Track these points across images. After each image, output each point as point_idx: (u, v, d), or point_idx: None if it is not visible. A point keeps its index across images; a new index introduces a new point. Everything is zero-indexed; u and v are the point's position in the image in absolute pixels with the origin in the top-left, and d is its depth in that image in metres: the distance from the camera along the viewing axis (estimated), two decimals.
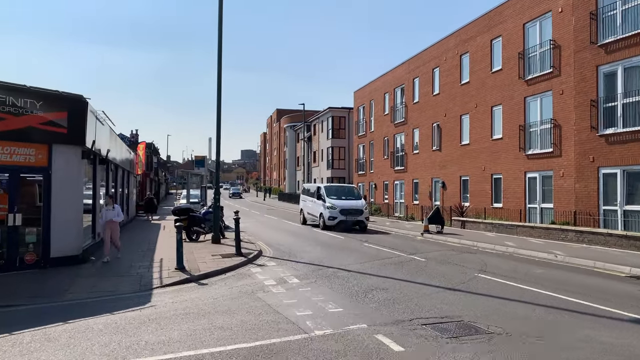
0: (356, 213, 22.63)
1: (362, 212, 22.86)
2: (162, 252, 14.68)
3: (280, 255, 14.53)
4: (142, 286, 9.95)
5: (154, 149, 60.13)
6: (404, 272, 11.41)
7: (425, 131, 30.54)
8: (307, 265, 12.40)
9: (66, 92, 11.99)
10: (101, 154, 15.31)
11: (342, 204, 22.78)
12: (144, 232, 21.32)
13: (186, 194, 29.25)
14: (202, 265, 12.16)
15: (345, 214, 22.38)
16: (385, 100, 36.53)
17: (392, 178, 34.95)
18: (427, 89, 30.45)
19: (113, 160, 18.37)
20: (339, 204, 22.82)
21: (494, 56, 24.18)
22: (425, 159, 30.34)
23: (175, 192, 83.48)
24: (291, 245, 16.92)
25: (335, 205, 22.75)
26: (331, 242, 18.03)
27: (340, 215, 22.34)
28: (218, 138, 17.06)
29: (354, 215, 22.52)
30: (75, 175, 12.24)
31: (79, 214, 12.38)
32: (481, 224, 22.33)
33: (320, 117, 53.93)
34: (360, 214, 22.76)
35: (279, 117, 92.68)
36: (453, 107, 27.44)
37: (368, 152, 39.69)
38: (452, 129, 27.47)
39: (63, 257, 11.87)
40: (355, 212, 22.63)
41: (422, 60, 31.12)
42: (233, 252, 14.37)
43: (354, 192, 25.30)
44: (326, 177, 52.04)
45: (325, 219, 22.79)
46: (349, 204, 23.01)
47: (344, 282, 10.13)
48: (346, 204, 22.85)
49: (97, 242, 15.34)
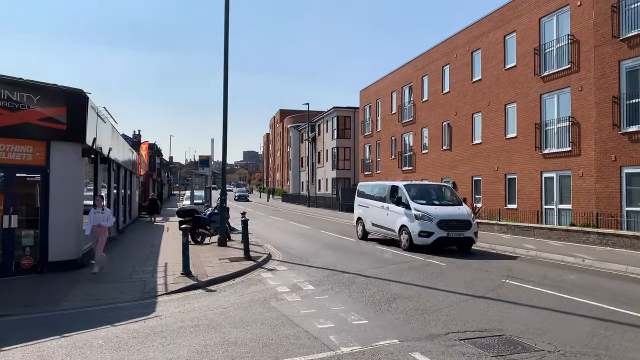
0: (461, 227, 15.06)
1: (469, 226, 15.18)
2: (167, 255, 13.97)
3: (291, 259, 13.80)
4: (145, 293, 9.24)
5: (156, 150, 59.48)
6: (424, 277, 10.67)
7: (434, 130, 29.79)
8: (320, 270, 11.67)
9: (65, 86, 11.30)
10: (102, 152, 14.62)
11: (439, 213, 15.14)
12: (147, 234, 20.62)
13: (190, 195, 28.57)
14: (209, 270, 11.45)
15: (446, 228, 14.81)
16: (393, 99, 35.80)
17: (400, 178, 34.14)
18: (436, 87, 29.71)
19: (115, 160, 17.69)
20: (435, 212, 15.17)
21: (507, 52, 23.43)
22: (435, 159, 29.59)
23: (178, 193, 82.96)
24: (301, 249, 16.19)
25: (429, 214, 15.06)
26: (343, 245, 17.29)
27: (438, 230, 14.77)
28: (224, 138, 16.36)
29: (458, 229, 14.99)
30: (75, 175, 11.54)
31: (79, 216, 11.68)
32: (495, 225, 21.56)
33: (325, 117, 53.23)
34: (467, 227, 15.12)
35: (282, 117, 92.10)
36: (464, 105, 26.70)
37: (375, 152, 38.95)
38: (463, 127, 26.73)
39: (62, 262, 11.16)
40: (459, 225, 15.06)
41: (431, 57, 30.39)
42: (241, 255, 13.66)
43: (447, 195, 17.33)
44: (331, 178, 51.33)
45: (413, 234, 15.14)
46: (449, 212, 15.37)
47: (363, 289, 9.40)
48: (445, 213, 15.23)
49: None
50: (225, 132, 16.29)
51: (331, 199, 47.74)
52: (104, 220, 11.24)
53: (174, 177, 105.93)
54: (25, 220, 11.08)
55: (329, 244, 17.51)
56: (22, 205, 11.22)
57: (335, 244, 17.53)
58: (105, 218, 11.28)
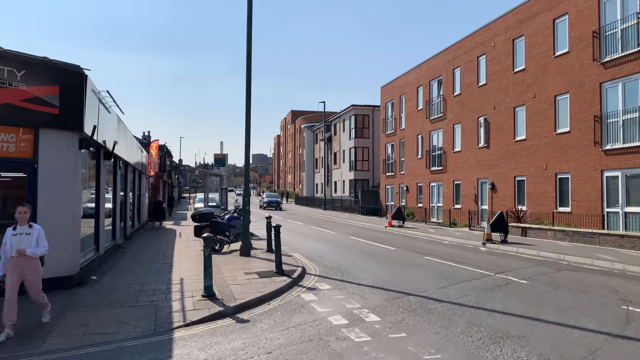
0: None
1: None
2: (182, 268, 11.71)
3: (329, 273, 11.47)
4: (157, 325, 6.97)
5: (166, 151, 57.54)
6: (515, 302, 8.29)
7: (468, 126, 27.34)
8: (374, 290, 9.33)
9: (57, 60, 9.09)
10: (106, 146, 12.42)
11: None
12: (157, 241, 18.39)
13: (203, 197, 26.33)
14: (235, 289, 9.16)
15: None
16: (419, 94, 33.39)
17: (428, 179, 31.76)
18: (470, 79, 27.28)
19: (121, 157, 15.49)
20: None
21: (557, 37, 20.97)
22: (469, 158, 27.14)
23: (188, 195, 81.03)
24: (337, 259, 13.86)
25: None
26: (383, 254, 14.94)
27: None
28: (248, 129, 14.10)
29: None
30: (70, 170, 9.32)
31: (75, 221, 9.45)
32: (548, 231, 19.09)
33: (341, 116, 50.90)
34: None
35: (293, 118, 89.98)
36: (504, 98, 24.25)
37: (398, 152, 36.54)
38: (504, 122, 24.26)
39: (53, 279, 8.93)
40: None
41: (464, 48, 27.96)
42: (270, 268, 11.38)
43: None
44: (348, 180, 48.99)
45: None
46: None
47: (447, 321, 7.04)
48: None
49: (101, 255, 12.41)
50: (248, 122, 14.04)
51: (349, 201, 45.39)
52: (29, 245, 6.75)
53: (184, 179, 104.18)
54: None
55: (365, 253, 15.18)
56: (6, 208, 9.03)
57: (373, 253, 15.19)
58: (33, 242, 6.79)
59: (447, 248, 17.00)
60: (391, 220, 26.40)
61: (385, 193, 38.72)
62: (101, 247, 12.48)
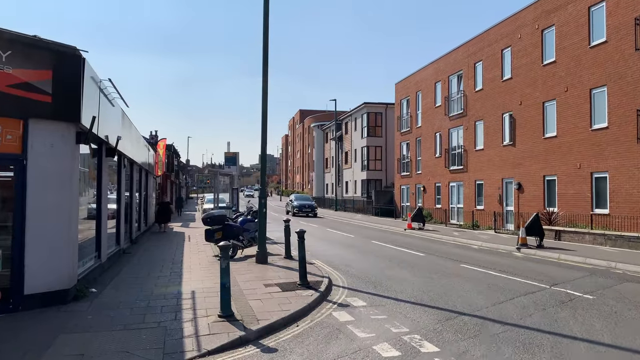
0: None
1: None
2: (193, 278, 10.43)
3: (360, 285, 10.15)
4: (166, 355, 5.69)
5: (174, 151, 56.46)
6: (596, 325, 6.90)
7: (492, 123, 25.91)
8: (418, 308, 8.00)
9: (50, 40, 7.84)
10: (109, 142, 11.18)
11: None
12: (165, 245, 17.15)
13: (213, 198, 25.07)
14: (256, 306, 7.86)
15: None
16: (437, 90, 31.98)
17: (447, 179, 30.34)
18: (493, 73, 25.85)
19: (126, 154, 14.26)
20: None
21: (593, 26, 19.51)
22: (493, 156, 25.70)
23: (195, 196, 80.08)
24: (364, 267, 12.54)
25: None
26: (412, 261, 13.59)
27: None
28: (264, 120, 12.82)
29: None
30: (66, 167, 8.06)
31: (72, 226, 8.19)
32: (586, 235, 17.65)
33: (353, 114, 49.54)
34: None
35: (302, 117, 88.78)
36: (532, 92, 22.80)
37: (414, 150, 35.13)
38: (532, 118, 22.82)
39: (45, 294, 7.68)
40: None
41: (487, 41, 26.54)
42: (291, 278, 10.10)
43: None
44: (360, 180, 47.63)
45: None
46: None
47: (527, 355, 5.66)
48: None
49: (103, 263, 11.17)
50: (265, 114, 12.76)
51: (362, 202, 44.04)
52: None
53: (192, 179, 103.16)
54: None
55: (393, 259, 13.84)
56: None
57: (401, 259, 13.85)
58: None
59: (479, 254, 15.64)
60: (411, 222, 25.03)
61: (400, 193, 37.33)
62: (103, 254, 11.23)
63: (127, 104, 13.17)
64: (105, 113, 10.68)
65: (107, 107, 11.04)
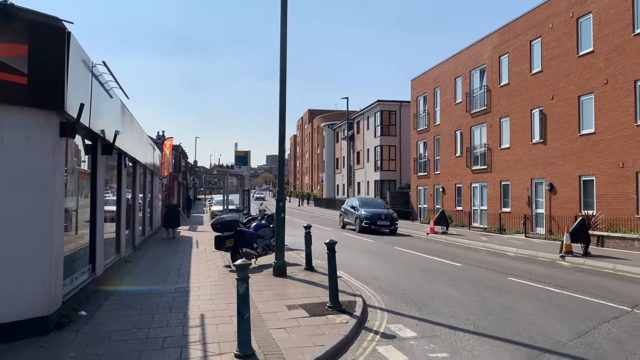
0: None
1: None
2: (201, 296, 8.89)
3: (400, 305, 8.56)
4: None
5: (181, 152, 55.12)
6: None
7: (519, 120, 24.21)
8: (484, 341, 6.39)
9: (25, 8, 6.33)
10: (105, 137, 9.67)
11: None
12: (170, 253, 15.65)
13: (222, 200, 23.54)
14: (281, 338, 6.30)
15: None
16: (457, 85, 30.29)
17: (469, 180, 28.65)
18: (521, 66, 24.14)
19: (127, 152, 12.76)
20: None
21: (638, 12, 17.80)
22: (521, 155, 24.00)
23: (203, 197, 78.80)
24: (396, 280, 10.94)
25: None
26: (449, 272, 11.97)
27: None
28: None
29: None
30: (47, 164, 6.54)
31: (54, 237, 6.66)
32: (635, 241, 15.95)
33: (365, 113, 47.90)
34: None
35: (310, 118, 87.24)
36: (566, 86, 21.09)
37: (432, 150, 33.45)
38: (565, 114, 21.10)
39: (17, 324, 6.16)
40: None
41: (513, 32, 24.84)
42: (316, 295, 8.58)
43: None
44: (373, 180, 45.99)
45: None
46: None
47: None
48: None
49: (98, 277, 9.66)
50: (283, 101, 11.20)
51: None
52: None
53: (199, 180, 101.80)
54: None
55: (426, 270, 12.23)
56: None
57: (435, 270, 12.24)
58: None
59: (520, 263, 13.99)
60: (433, 225, 23.37)
61: (417, 195, 35.66)
62: (98, 266, 9.73)
63: (127, 96, 11.67)
64: (101, 104, 9.18)
65: (103, 97, 9.54)
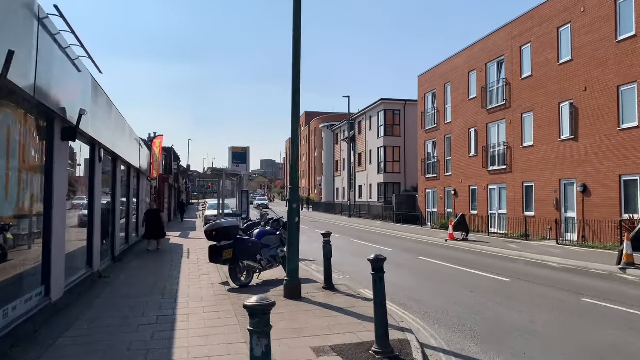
0: None
1: None
2: (191, 330, 6.52)
3: (469, 345, 6.25)
4: None
5: (174, 154, 52.73)
6: None
7: (545, 115, 22.02)
8: None
9: None
10: (66, 117, 7.34)
11: None
12: (155, 267, 13.25)
13: (218, 203, 21.15)
14: None
15: None
16: (471, 80, 28.11)
17: (485, 181, 26.41)
18: (547, 56, 21.98)
19: (103, 142, 10.40)
20: None
21: None
22: (547, 154, 21.79)
23: (197, 202, 76.20)
24: (443, 304, 8.61)
25: None
26: (500, 290, 9.67)
27: None
28: (296, 94, 8.96)
29: None
30: None
31: None
32: None
33: (367, 112, 45.68)
34: None
35: (308, 120, 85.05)
36: (602, 75, 18.93)
37: (442, 150, 31.23)
38: (601, 107, 18.93)
39: None
40: None
41: (537, 19, 22.69)
42: (350, 330, 6.26)
43: None
44: (376, 183, 43.73)
45: None
46: None
47: None
48: None
49: (55, 302, 7.28)
50: (296, 86, 8.91)
51: (379, 207, 40.11)
52: None
53: (192, 184, 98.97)
54: None
55: (470, 287, 9.92)
56: None
57: (482, 287, 9.94)
58: None
59: (573, 276, 11.72)
60: (453, 231, 21.07)
61: (425, 198, 33.40)
62: (55, 287, 7.36)
63: (100, 70, 9.33)
64: (59, 72, 6.86)
65: (63, 65, 7.21)
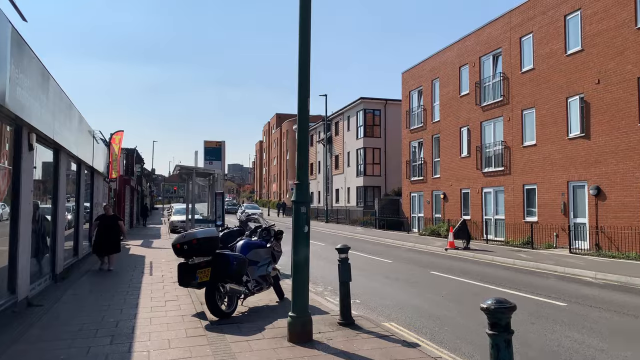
0: None
1: None
2: None
3: None
4: None
5: (137, 156, 49.20)
6: None
7: (549, 111, 20.17)
8: None
9: None
10: None
11: None
12: (105, 288, 10.41)
13: (186, 207, 18.27)
14: None
15: None
16: (462, 75, 26.18)
17: (479, 184, 24.45)
18: (551, 47, 20.17)
19: (32, 124, 7.60)
20: None
21: None
22: (552, 153, 19.92)
23: (161, 206, 72.32)
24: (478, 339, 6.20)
25: None
26: (578, 323, 7.37)
27: None
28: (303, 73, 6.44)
29: None
30: None
31: None
32: None
33: (345, 112, 43.43)
34: None
35: (279, 122, 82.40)
36: (618, 66, 17.16)
37: (429, 151, 29.19)
38: (617, 101, 17.15)
39: None
40: None
41: (540, 7, 20.89)
42: None
43: None
44: (355, 187, 41.46)
45: None
46: None
47: None
48: None
49: None
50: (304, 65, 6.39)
51: (358, 212, 37.86)
52: None
53: (157, 188, 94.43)
54: None
55: (529, 315, 7.59)
56: None
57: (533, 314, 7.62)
58: None
59: (625, 295, 9.59)
60: (453, 239, 18.85)
61: (411, 202, 31.28)
62: None
63: (25, 17, 6.57)
64: None
65: None
